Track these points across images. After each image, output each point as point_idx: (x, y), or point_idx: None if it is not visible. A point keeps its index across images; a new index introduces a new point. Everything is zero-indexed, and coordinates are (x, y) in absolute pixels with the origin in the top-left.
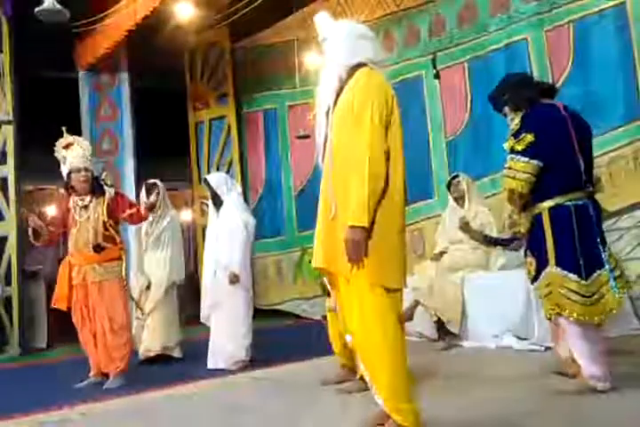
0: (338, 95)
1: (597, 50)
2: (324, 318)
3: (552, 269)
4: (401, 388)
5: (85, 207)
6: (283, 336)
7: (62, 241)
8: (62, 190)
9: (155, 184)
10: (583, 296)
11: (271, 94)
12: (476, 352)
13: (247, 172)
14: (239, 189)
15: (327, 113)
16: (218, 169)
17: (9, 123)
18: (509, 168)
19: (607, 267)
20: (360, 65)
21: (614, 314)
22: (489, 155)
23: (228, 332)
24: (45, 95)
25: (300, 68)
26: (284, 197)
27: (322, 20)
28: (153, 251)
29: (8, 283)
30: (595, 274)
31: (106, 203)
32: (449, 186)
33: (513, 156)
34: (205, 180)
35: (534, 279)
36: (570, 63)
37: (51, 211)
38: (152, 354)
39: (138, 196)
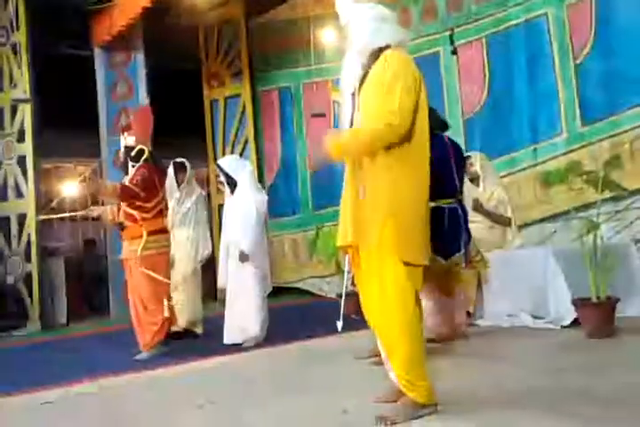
0: (364, 77)
1: (620, 25)
2: (340, 296)
3: None
4: (417, 364)
5: None
6: (298, 314)
7: (80, 218)
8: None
9: (183, 163)
10: (442, 270)
11: (287, 72)
12: (491, 331)
13: (263, 150)
14: (250, 167)
15: (353, 94)
16: (233, 147)
17: (26, 101)
18: None
19: (462, 251)
20: (385, 47)
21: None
22: (508, 133)
23: (241, 309)
24: (61, 73)
25: (316, 45)
26: (299, 176)
27: (343, 3)
28: (179, 228)
29: (28, 259)
30: (453, 257)
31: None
32: None
33: None
34: (218, 165)
35: None
36: (591, 39)
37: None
38: (178, 329)
39: None
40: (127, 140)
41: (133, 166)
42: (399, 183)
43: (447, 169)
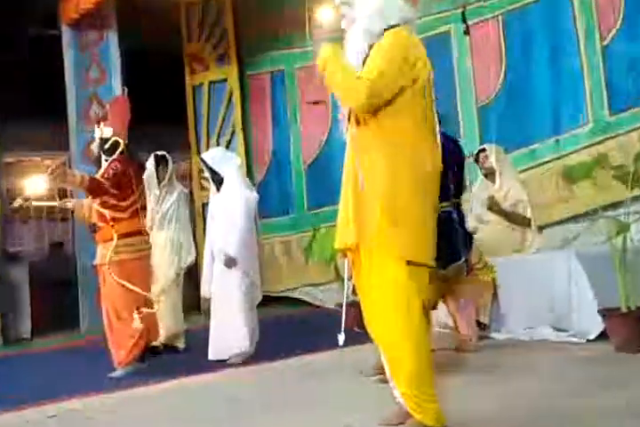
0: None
1: None
2: (339, 305)
3: None
4: (424, 381)
5: None
6: (292, 326)
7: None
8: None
9: (164, 157)
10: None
11: (279, 54)
12: (507, 345)
13: (251, 142)
14: (238, 161)
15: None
16: (219, 138)
17: None
18: None
19: (462, 260)
20: (391, 27)
21: None
22: (527, 122)
23: (227, 321)
24: (25, 55)
25: (312, 23)
26: (293, 171)
27: None
28: (158, 231)
29: None
30: (451, 266)
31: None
32: (476, 160)
33: None
34: (202, 159)
35: None
36: (620, 17)
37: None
38: (157, 344)
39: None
40: (103, 131)
41: (107, 160)
42: (399, 174)
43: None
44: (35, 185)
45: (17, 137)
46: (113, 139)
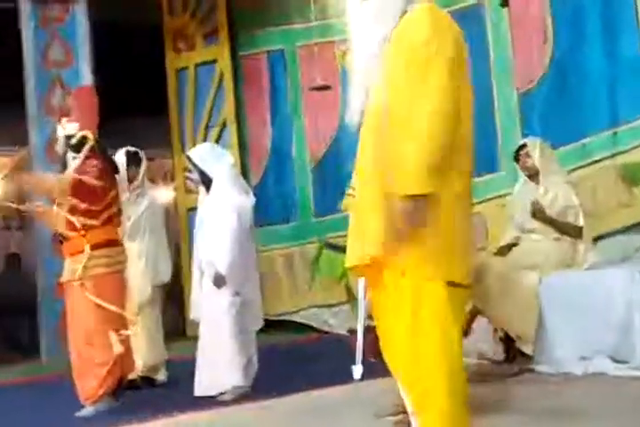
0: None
1: None
2: (352, 331)
3: None
4: (458, 423)
5: None
6: (295, 356)
7: None
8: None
9: (137, 154)
10: None
11: (278, 30)
12: (556, 380)
13: (246, 136)
14: (231, 159)
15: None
16: (206, 131)
17: None
18: None
19: None
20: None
21: None
22: (578, 112)
23: (217, 350)
24: None
25: None
26: (296, 171)
27: None
28: (130, 241)
29: None
30: None
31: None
32: (516, 159)
33: None
34: (188, 157)
35: None
36: None
37: None
38: (132, 377)
39: None
40: (67, 127)
41: (74, 158)
42: None
43: None
44: None
45: None
46: (80, 133)
